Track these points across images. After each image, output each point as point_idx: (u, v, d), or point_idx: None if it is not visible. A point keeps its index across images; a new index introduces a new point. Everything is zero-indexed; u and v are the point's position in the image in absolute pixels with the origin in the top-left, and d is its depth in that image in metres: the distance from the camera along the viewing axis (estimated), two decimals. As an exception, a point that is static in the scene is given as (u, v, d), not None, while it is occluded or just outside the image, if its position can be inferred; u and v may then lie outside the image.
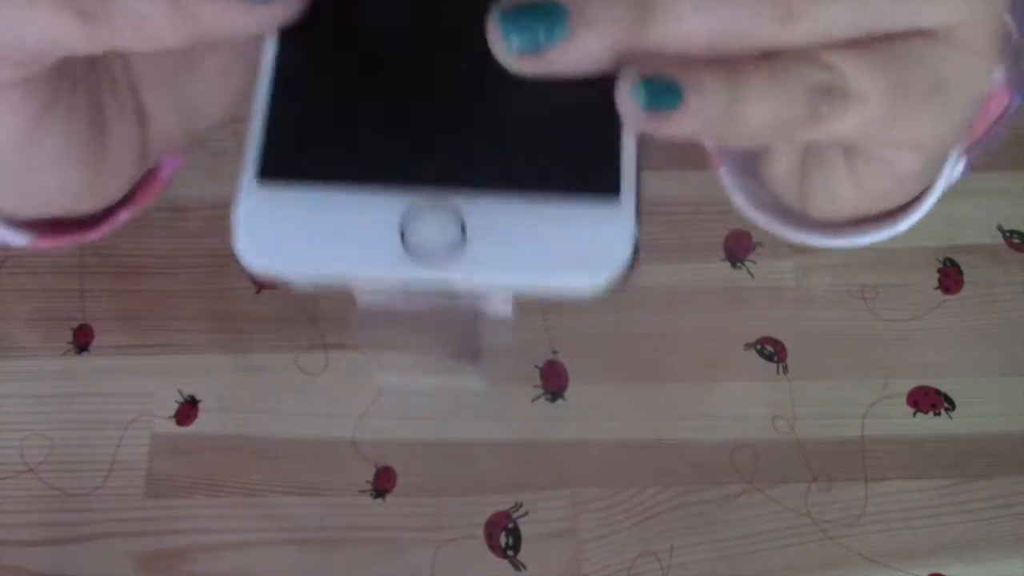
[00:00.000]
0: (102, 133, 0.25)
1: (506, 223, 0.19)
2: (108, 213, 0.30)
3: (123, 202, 0.28)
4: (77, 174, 0.24)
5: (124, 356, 0.59)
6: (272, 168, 0.20)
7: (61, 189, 0.25)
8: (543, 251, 0.19)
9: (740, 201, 0.33)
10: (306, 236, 0.19)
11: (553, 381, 0.59)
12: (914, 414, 0.60)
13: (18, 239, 0.29)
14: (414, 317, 0.22)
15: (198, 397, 0.58)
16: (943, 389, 0.60)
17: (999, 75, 0.33)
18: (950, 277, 0.64)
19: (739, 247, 0.61)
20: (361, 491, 0.56)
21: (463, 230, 0.19)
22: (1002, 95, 0.34)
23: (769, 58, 0.19)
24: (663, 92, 0.19)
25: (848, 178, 0.23)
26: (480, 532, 0.55)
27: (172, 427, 0.57)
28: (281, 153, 0.20)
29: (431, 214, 0.19)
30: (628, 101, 0.19)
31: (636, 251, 0.19)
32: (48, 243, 0.30)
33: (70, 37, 0.20)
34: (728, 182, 0.33)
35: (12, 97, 0.22)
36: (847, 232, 0.31)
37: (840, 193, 0.24)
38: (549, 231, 0.19)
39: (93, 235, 0.30)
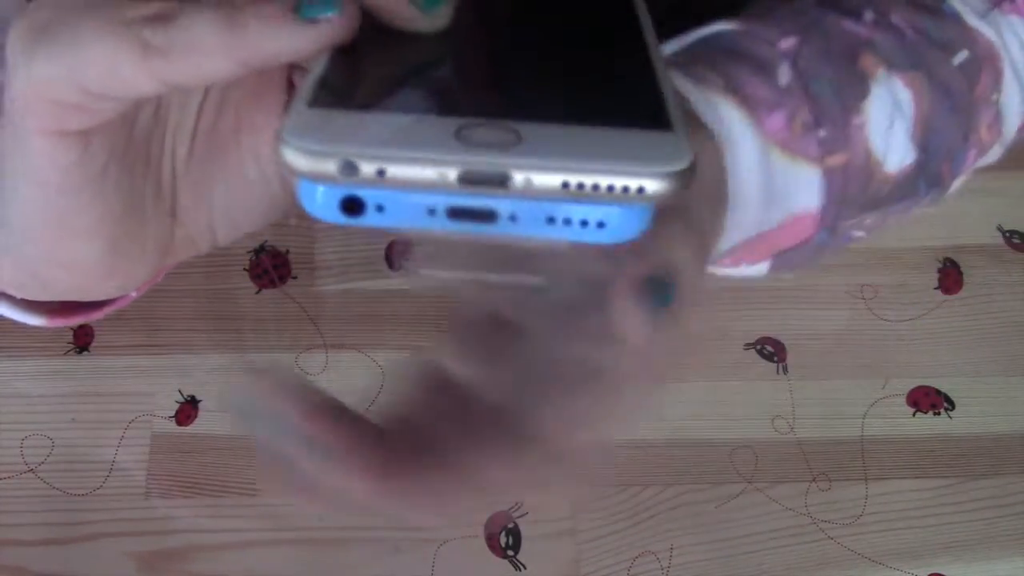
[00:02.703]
0: (137, 222, 0.25)
1: (562, 135, 0.19)
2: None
3: None
4: (101, 254, 0.25)
5: (124, 356, 0.59)
6: (322, 96, 0.19)
7: (82, 267, 0.25)
8: (602, 149, 0.18)
9: None
10: (356, 127, 0.18)
11: (553, 381, 0.59)
12: (914, 414, 0.60)
13: (33, 320, 0.30)
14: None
15: (198, 397, 0.58)
16: (943, 389, 0.60)
17: (815, 205, 0.34)
18: (950, 277, 0.64)
19: (739, 247, 0.62)
20: (361, 491, 0.56)
21: (518, 137, 0.18)
22: (810, 223, 0.35)
23: None
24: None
25: None
26: (480, 532, 0.55)
27: (172, 427, 0.57)
28: (332, 87, 0.20)
29: (487, 126, 0.18)
30: None
31: (694, 168, 0.18)
32: (59, 323, 0.31)
33: (133, 74, 0.20)
34: None
35: (72, 154, 0.22)
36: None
37: None
38: (607, 139, 0.19)
39: (100, 314, 0.31)
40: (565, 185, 0.18)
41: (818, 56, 0.34)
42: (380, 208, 0.19)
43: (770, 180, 0.33)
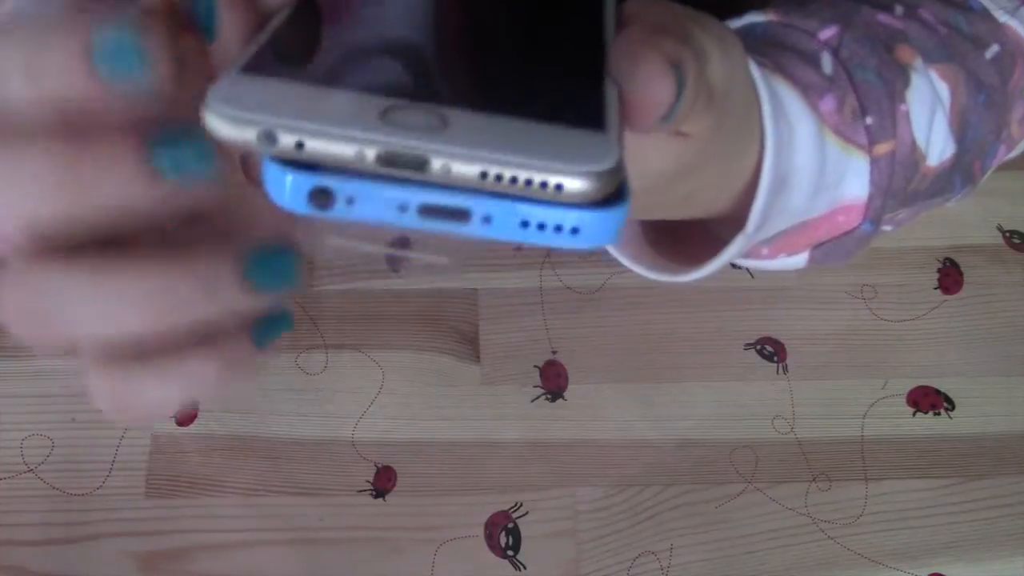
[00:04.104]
0: None
1: (490, 125, 0.19)
2: None
3: None
4: None
5: (124, 356, 0.59)
6: (255, 65, 0.19)
7: None
8: (529, 142, 0.18)
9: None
10: (283, 98, 0.18)
11: (553, 381, 0.59)
12: (914, 414, 0.60)
13: None
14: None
15: (198, 397, 0.58)
16: (943, 389, 0.60)
17: (863, 195, 0.34)
18: (950, 277, 0.64)
19: (739, 247, 0.62)
20: (361, 491, 0.56)
21: (444, 123, 0.18)
22: (856, 214, 0.34)
23: None
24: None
25: None
26: (480, 532, 0.55)
27: (172, 427, 0.57)
28: (271, 55, 0.20)
29: (415, 109, 0.19)
30: None
31: (618, 170, 0.19)
32: None
33: None
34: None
35: None
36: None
37: None
38: (535, 134, 0.19)
39: None
40: (483, 175, 0.18)
41: (860, 45, 0.33)
42: (350, 201, 0.19)
43: (823, 165, 0.32)
